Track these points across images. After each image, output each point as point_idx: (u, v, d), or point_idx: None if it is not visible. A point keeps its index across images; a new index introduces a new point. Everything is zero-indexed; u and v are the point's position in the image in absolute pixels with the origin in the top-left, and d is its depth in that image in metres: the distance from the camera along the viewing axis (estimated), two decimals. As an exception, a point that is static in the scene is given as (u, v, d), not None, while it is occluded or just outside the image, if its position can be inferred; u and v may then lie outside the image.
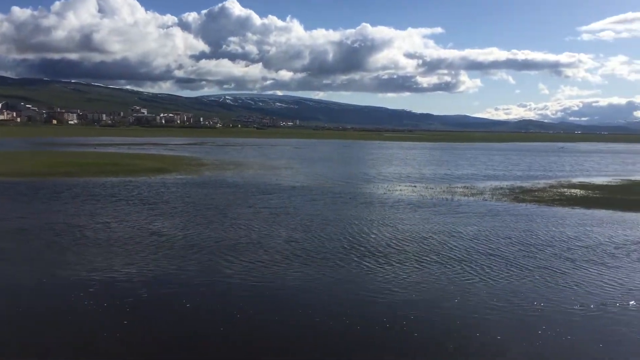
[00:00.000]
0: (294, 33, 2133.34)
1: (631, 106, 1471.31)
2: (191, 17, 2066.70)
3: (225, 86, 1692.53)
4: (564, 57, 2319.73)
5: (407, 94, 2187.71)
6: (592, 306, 14.00)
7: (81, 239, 20.61)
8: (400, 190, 38.63)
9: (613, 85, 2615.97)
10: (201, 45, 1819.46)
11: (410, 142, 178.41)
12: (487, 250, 19.82)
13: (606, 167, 69.07)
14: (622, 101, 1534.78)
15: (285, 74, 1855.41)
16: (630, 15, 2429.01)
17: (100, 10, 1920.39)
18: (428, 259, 18.51)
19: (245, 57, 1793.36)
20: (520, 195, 36.43)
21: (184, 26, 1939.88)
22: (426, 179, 47.97)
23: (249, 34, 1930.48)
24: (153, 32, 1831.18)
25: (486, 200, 33.77)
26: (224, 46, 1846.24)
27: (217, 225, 24.05)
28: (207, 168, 55.16)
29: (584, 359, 11.23)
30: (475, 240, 21.53)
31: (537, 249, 20.17)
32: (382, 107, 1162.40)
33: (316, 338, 11.99)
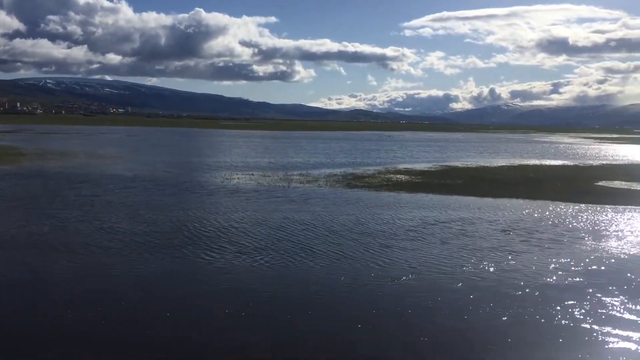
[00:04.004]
0: (122, 15, 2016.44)
1: (447, 98, 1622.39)
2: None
3: (45, 69, 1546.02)
4: (389, 51, 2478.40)
5: (244, 82, 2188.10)
6: (362, 285, 14.76)
7: None
8: (238, 178, 38.56)
9: (432, 78, 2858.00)
10: (15, 23, 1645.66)
11: (248, 130, 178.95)
12: (292, 238, 20.06)
13: (427, 154, 75.26)
14: (440, 93, 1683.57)
15: (113, 58, 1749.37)
16: (445, 14, 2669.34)
17: None
18: (231, 248, 18.37)
19: (67, 38, 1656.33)
20: (352, 181, 38.28)
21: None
22: (264, 167, 48.42)
23: (72, 14, 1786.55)
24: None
25: (321, 187, 34.97)
26: (42, 25, 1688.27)
27: (27, 218, 22.21)
28: (26, 158, 50.43)
29: (335, 337, 11.76)
30: (283, 228, 21.72)
31: (340, 234, 20.85)
32: (218, 95, 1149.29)
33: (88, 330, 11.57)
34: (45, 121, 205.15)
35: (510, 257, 17.82)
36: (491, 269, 16.40)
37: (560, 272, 16.17)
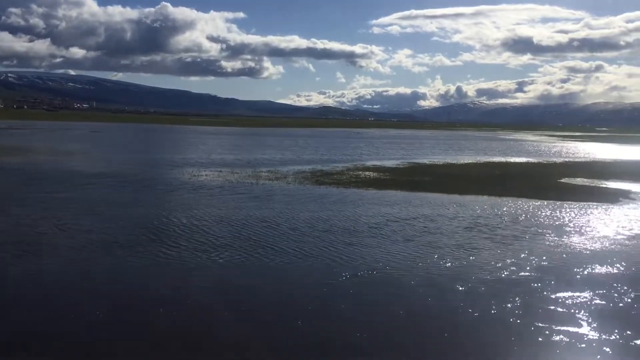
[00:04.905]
0: (87, 8, 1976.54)
1: (415, 96, 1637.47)
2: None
3: (5, 62, 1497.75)
4: (358, 49, 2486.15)
5: (212, 78, 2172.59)
6: (314, 282, 14.76)
7: None
8: (205, 175, 38.16)
9: (400, 76, 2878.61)
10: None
11: (217, 127, 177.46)
12: (251, 235, 19.73)
13: (395, 152, 75.71)
14: (408, 91, 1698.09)
15: (77, 52, 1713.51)
16: (413, 12, 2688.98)
17: None
18: (187, 245, 18.03)
19: (29, 31, 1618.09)
20: (320, 178, 38.25)
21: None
22: (232, 164, 48.04)
23: (34, 6, 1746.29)
24: None
25: (289, 183, 34.85)
26: (3, 18, 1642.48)
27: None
28: (-14, 154, 48.95)
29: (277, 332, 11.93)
30: (246, 225, 21.39)
31: (303, 231, 20.63)
32: (186, 91, 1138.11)
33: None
34: (6, 116, 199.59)
35: (470, 254, 17.99)
36: (448, 265, 16.57)
37: (513, 268, 16.37)
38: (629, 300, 13.90)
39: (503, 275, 15.68)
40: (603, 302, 13.66)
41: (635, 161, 66.35)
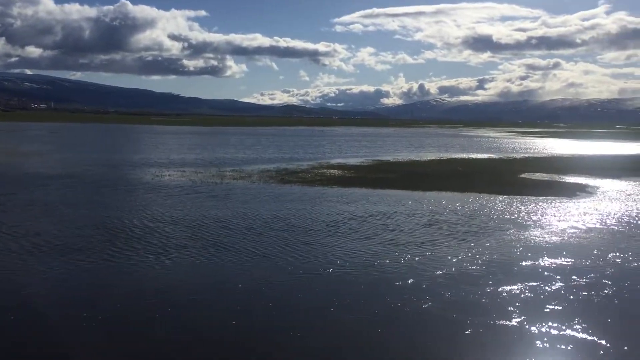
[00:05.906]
0: (43, 6, 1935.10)
1: (379, 94, 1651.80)
2: None
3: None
4: (321, 47, 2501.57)
5: (174, 77, 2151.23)
6: (263, 282, 14.63)
7: None
8: (169, 175, 37.68)
9: (364, 74, 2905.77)
10: None
11: (179, 126, 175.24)
12: (209, 236, 19.48)
13: (359, 150, 76.11)
14: (371, 89, 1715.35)
15: (33, 51, 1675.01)
16: (375, 10, 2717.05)
17: None
18: (137, 247, 17.73)
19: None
20: (286, 176, 38.19)
21: None
22: (196, 163, 47.56)
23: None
24: None
25: (254, 182, 34.69)
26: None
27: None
28: (-62, 157, 47.28)
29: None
30: (204, 226, 21.18)
31: (256, 230, 20.54)
32: (148, 90, 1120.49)
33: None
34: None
35: (426, 250, 18.11)
36: (402, 261, 16.66)
37: (465, 263, 16.53)
38: (579, 292, 14.26)
39: (454, 270, 15.80)
40: (553, 295, 13.98)
41: (592, 156, 68.25)
